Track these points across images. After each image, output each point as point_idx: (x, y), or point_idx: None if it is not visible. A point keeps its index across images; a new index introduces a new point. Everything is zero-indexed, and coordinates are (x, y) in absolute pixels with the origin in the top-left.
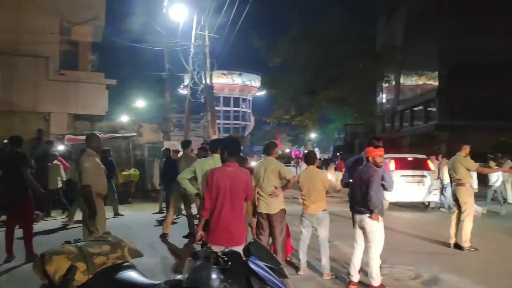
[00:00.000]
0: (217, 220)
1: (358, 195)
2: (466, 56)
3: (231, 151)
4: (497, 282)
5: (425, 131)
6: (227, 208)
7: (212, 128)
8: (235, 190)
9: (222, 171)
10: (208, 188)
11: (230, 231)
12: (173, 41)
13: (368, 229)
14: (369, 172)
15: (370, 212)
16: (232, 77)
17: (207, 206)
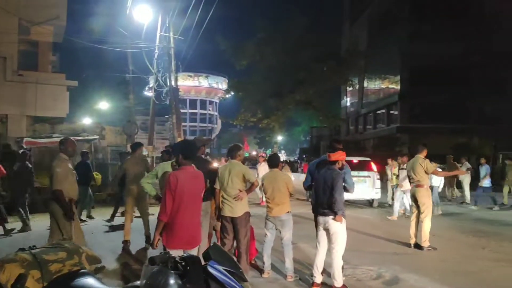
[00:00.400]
0: (180, 223)
1: (322, 197)
2: (425, 61)
3: (187, 154)
4: (454, 280)
5: (388, 134)
6: (188, 211)
7: (177, 131)
8: (194, 193)
9: (183, 174)
10: (170, 192)
11: (191, 234)
12: (137, 43)
13: (332, 230)
14: (333, 175)
15: (334, 214)
16: (198, 79)
17: (168, 210)
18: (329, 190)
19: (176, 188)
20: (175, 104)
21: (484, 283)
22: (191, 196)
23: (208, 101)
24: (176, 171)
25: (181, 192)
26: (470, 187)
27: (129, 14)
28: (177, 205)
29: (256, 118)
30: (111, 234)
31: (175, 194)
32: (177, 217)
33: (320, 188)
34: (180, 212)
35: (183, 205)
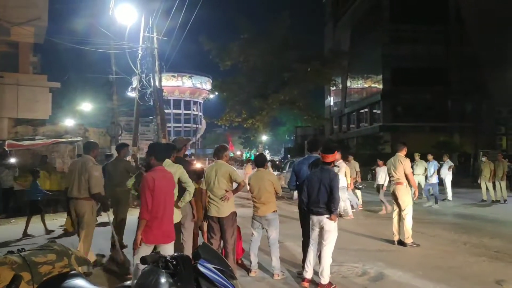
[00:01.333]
0: (156, 220)
1: (317, 196)
2: (407, 61)
3: (159, 156)
4: (436, 275)
5: (371, 132)
6: (163, 208)
7: (162, 132)
8: (167, 191)
9: (158, 174)
10: (149, 191)
11: (167, 229)
12: (120, 43)
13: (326, 229)
14: (330, 175)
15: (329, 213)
16: (182, 79)
17: (150, 209)
18: (325, 190)
19: (154, 187)
20: (159, 105)
21: (466, 278)
22: (164, 194)
23: (192, 101)
24: (151, 172)
25: (158, 191)
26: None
27: (112, 15)
28: (155, 203)
29: (241, 118)
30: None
31: (152, 193)
32: (154, 214)
33: (314, 188)
34: (157, 210)
35: (159, 203)
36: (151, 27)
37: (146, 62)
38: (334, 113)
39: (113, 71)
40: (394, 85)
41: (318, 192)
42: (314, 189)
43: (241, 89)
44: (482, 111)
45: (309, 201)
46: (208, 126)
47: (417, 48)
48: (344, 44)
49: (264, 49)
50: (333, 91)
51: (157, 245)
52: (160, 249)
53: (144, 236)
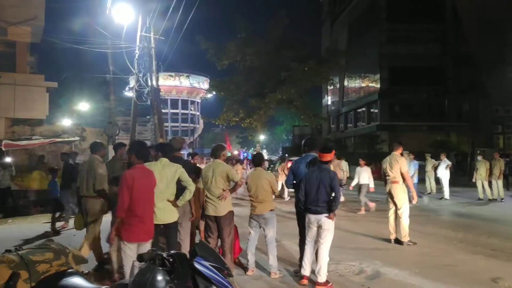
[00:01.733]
0: (137, 218)
1: (316, 196)
2: (404, 61)
3: (139, 154)
4: (432, 273)
5: (368, 132)
6: (144, 206)
7: (159, 132)
8: (148, 189)
9: (137, 172)
10: (127, 189)
11: (147, 227)
12: (117, 43)
13: (325, 227)
14: (330, 174)
15: (328, 212)
16: (179, 79)
17: (125, 207)
18: (325, 189)
19: (133, 185)
20: (157, 104)
21: (462, 276)
22: (145, 193)
23: (189, 101)
24: (131, 169)
25: (137, 189)
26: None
27: (109, 15)
28: (134, 201)
29: (238, 118)
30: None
31: (132, 191)
32: (134, 212)
33: (313, 187)
34: (136, 208)
35: (140, 201)
36: (148, 26)
37: (143, 62)
38: (331, 112)
39: (110, 70)
40: (391, 84)
41: (317, 191)
42: (312, 188)
43: (238, 88)
44: (479, 110)
45: (306, 200)
46: (206, 126)
47: (414, 47)
48: (341, 43)
49: (261, 49)
50: (331, 90)
51: (139, 243)
52: (140, 247)
53: (126, 235)
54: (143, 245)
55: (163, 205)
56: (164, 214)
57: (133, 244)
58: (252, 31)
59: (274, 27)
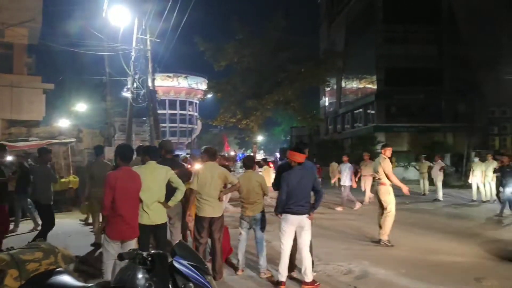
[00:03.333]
0: (120, 218)
1: (298, 196)
2: (401, 62)
3: (124, 157)
4: (418, 273)
5: (365, 133)
6: (127, 206)
7: (155, 133)
8: (132, 190)
9: (121, 174)
10: (110, 190)
11: (131, 227)
12: (113, 45)
13: (306, 228)
14: (313, 174)
15: (310, 211)
16: (178, 79)
17: (107, 206)
18: (307, 189)
19: (115, 186)
20: (153, 106)
21: (447, 276)
22: (129, 193)
23: (187, 101)
24: (115, 171)
25: (121, 190)
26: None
27: (105, 17)
28: (118, 201)
29: (235, 119)
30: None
31: (115, 191)
32: (118, 212)
33: (296, 188)
34: (120, 208)
35: (123, 201)
36: (144, 29)
37: (140, 64)
38: (329, 114)
39: (107, 72)
40: (388, 85)
41: (300, 191)
42: (294, 190)
43: (236, 89)
44: (475, 111)
45: (289, 201)
46: (204, 127)
47: (410, 48)
48: (338, 44)
49: (259, 50)
50: (328, 91)
51: (123, 240)
52: (123, 245)
53: (109, 233)
54: (127, 243)
55: (155, 206)
56: (155, 215)
57: (115, 243)
58: (249, 33)
59: (271, 29)
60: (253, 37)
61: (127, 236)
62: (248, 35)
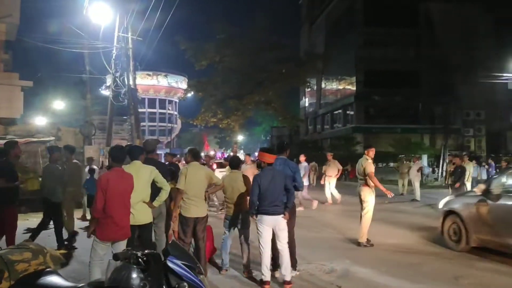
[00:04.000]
0: (112, 219)
1: (272, 197)
2: (379, 64)
3: (115, 158)
4: (399, 271)
5: (344, 133)
6: (119, 207)
7: (136, 132)
8: (124, 191)
9: (112, 175)
10: (101, 191)
11: (125, 227)
12: (94, 43)
13: (281, 227)
14: (284, 174)
15: (285, 210)
16: (157, 78)
17: (99, 208)
18: (279, 189)
19: (107, 187)
20: (134, 105)
21: (426, 274)
22: (120, 195)
23: (167, 100)
24: (107, 172)
25: (112, 191)
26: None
27: (86, 14)
28: (109, 202)
29: (216, 119)
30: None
31: (106, 193)
32: (109, 213)
33: (269, 189)
34: (112, 209)
35: (114, 202)
36: (126, 27)
37: (121, 62)
38: (309, 114)
39: (87, 70)
40: (367, 87)
41: (274, 192)
42: (267, 190)
43: (217, 89)
44: (451, 114)
45: (263, 202)
46: (184, 126)
47: (389, 51)
48: (319, 46)
49: (240, 50)
50: (308, 92)
51: (113, 241)
52: (114, 246)
53: (100, 234)
54: (118, 244)
55: (139, 206)
56: (140, 215)
57: (105, 244)
58: (231, 33)
59: (253, 29)
60: (235, 37)
61: (118, 237)
62: (230, 35)
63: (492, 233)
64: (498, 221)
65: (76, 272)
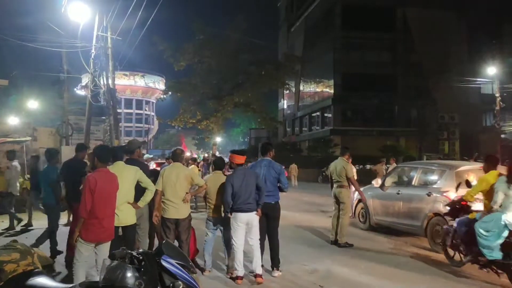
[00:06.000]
0: (100, 220)
1: (245, 195)
2: (356, 67)
3: (101, 158)
4: (379, 271)
5: (322, 136)
6: (105, 208)
7: (114, 133)
8: (110, 191)
9: (99, 175)
10: (90, 191)
11: (110, 228)
12: (72, 41)
13: (254, 224)
14: (255, 174)
15: (257, 207)
16: (134, 78)
17: (88, 208)
18: (251, 188)
19: (95, 188)
20: (113, 105)
21: (406, 274)
22: (106, 196)
23: (144, 101)
24: (94, 172)
25: (99, 192)
26: None
27: (64, 12)
28: (96, 203)
29: (195, 120)
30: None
31: (94, 193)
32: (94, 214)
33: (242, 188)
34: (97, 210)
35: (101, 203)
36: (105, 26)
37: (100, 62)
38: (287, 116)
39: (64, 70)
40: (344, 90)
41: (246, 190)
42: (241, 189)
43: (196, 90)
44: (426, 117)
45: (238, 200)
46: (161, 127)
47: (366, 54)
48: (297, 48)
49: (219, 51)
50: (287, 94)
51: (97, 243)
52: (98, 247)
53: (85, 234)
54: (102, 246)
55: (124, 207)
56: (124, 216)
57: (89, 244)
58: (210, 34)
59: (232, 31)
60: (214, 38)
61: (102, 238)
62: (209, 36)
63: (381, 214)
64: (384, 206)
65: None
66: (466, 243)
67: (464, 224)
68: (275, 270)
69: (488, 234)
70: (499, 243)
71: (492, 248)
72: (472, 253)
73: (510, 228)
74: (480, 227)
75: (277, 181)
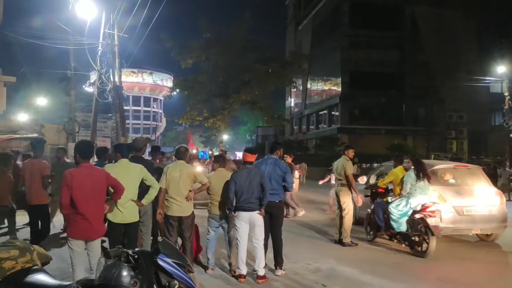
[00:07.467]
0: (81, 216)
1: (248, 194)
2: (364, 66)
3: (83, 154)
4: (382, 270)
5: (329, 134)
6: (89, 204)
7: (121, 130)
8: (93, 188)
9: (81, 171)
10: (66, 187)
11: (93, 226)
12: (79, 39)
13: (258, 224)
14: (260, 173)
15: (259, 209)
16: (142, 75)
17: (64, 204)
18: (256, 187)
19: (72, 184)
20: (119, 102)
21: (409, 274)
22: (88, 191)
23: (152, 98)
24: (73, 168)
25: (78, 188)
26: None
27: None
28: (76, 199)
29: (202, 117)
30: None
31: (72, 189)
32: (77, 210)
33: (245, 186)
34: (79, 205)
35: (82, 199)
36: (112, 23)
37: (106, 59)
38: (294, 114)
39: (72, 67)
40: (352, 88)
41: (249, 189)
42: (243, 188)
43: (203, 88)
44: (434, 116)
45: (240, 198)
46: (168, 124)
47: (374, 53)
48: (305, 46)
49: (226, 49)
50: (294, 92)
51: (86, 240)
52: (89, 247)
53: (70, 231)
54: (92, 243)
55: (128, 205)
56: (128, 214)
57: (79, 241)
58: (217, 32)
59: (239, 29)
60: (220, 36)
61: (89, 235)
62: (216, 34)
63: (365, 209)
64: (367, 201)
65: (60, 270)
66: (380, 219)
67: (380, 206)
68: (278, 269)
69: (398, 213)
70: (405, 219)
71: (400, 223)
72: (385, 227)
73: (413, 208)
74: (392, 207)
75: (282, 180)
